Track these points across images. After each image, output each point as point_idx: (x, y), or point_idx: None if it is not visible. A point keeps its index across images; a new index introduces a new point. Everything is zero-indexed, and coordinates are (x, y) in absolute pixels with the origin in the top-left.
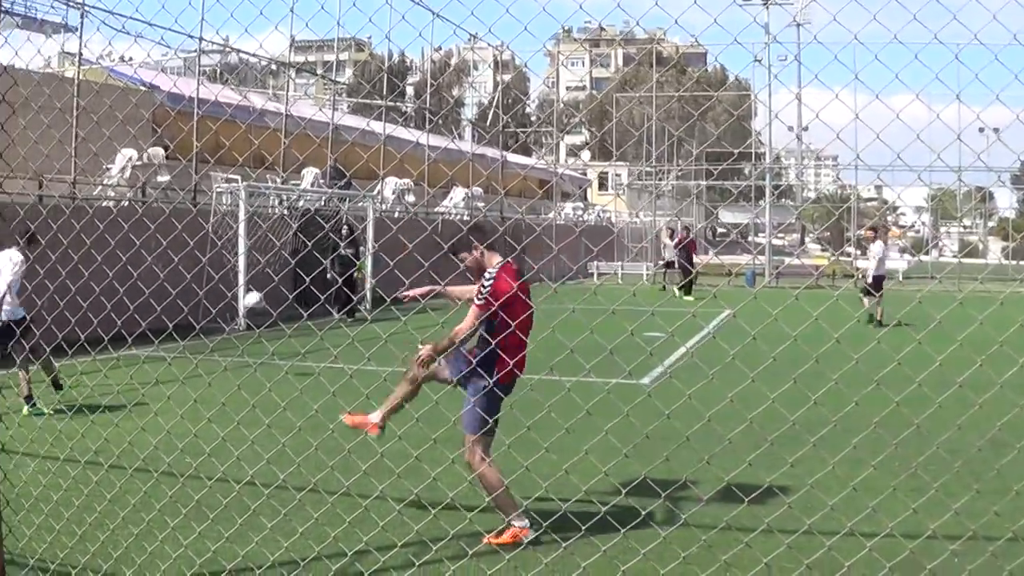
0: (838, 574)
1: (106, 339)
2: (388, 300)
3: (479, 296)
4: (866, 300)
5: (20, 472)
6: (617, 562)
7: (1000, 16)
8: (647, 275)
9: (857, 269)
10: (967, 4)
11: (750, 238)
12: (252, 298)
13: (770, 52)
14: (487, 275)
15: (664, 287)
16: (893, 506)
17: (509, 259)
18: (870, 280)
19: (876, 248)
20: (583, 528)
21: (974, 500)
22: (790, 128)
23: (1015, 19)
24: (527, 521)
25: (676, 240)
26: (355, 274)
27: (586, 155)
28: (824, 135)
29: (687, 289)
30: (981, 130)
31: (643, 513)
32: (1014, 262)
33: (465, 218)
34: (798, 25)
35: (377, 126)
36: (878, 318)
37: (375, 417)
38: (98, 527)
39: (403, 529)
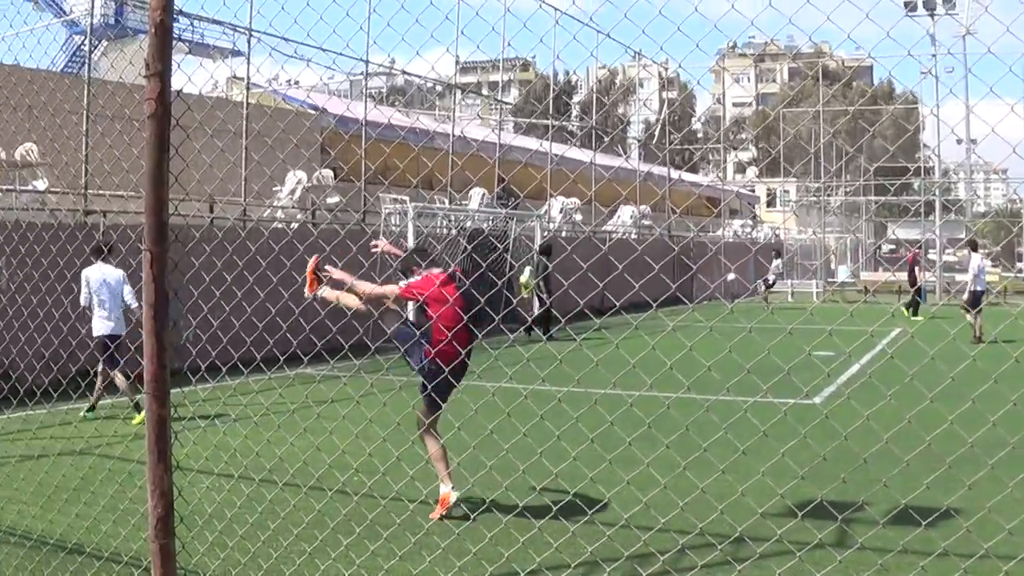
0: None
1: (281, 359)
2: (563, 321)
3: (401, 282)
4: (968, 317)
5: (194, 489)
6: None
7: None
8: (816, 293)
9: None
10: None
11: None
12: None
13: (938, 64)
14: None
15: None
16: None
17: (443, 270)
18: (965, 297)
19: (975, 263)
20: (758, 551)
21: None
22: (959, 141)
23: None
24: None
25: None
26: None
27: (753, 171)
28: (995, 148)
29: (915, 309)
30: None
31: (819, 536)
32: None
33: (633, 236)
34: (964, 36)
35: (545, 146)
36: (977, 334)
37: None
38: (270, 544)
39: (576, 549)
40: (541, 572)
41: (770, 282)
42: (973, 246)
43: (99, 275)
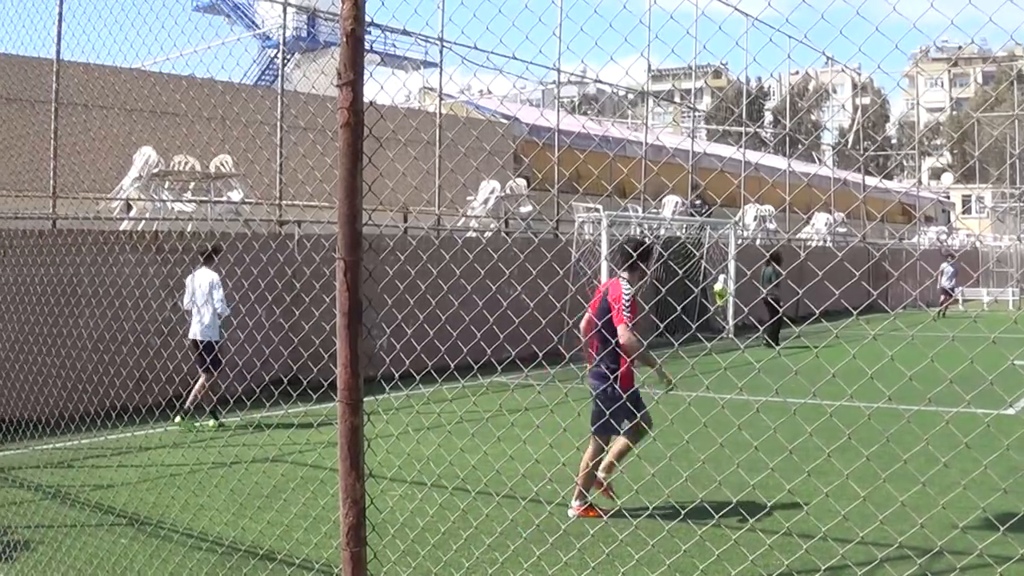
0: None
1: (475, 367)
2: (762, 329)
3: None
4: None
5: (387, 497)
6: None
7: None
8: (1013, 300)
9: None
10: None
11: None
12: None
13: None
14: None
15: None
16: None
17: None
18: None
19: None
20: (957, 566)
21: None
22: None
23: None
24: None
25: None
26: (717, 299)
27: (948, 178)
28: None
29: None
30: None
31: (1021, 551)
32: None
33: (828, 244)
34: None
35: (738, 153)
36: None
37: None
38: (462, 553)
39: (772, 562)
40: None
41: (947, 288)
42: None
43: (197, 280)
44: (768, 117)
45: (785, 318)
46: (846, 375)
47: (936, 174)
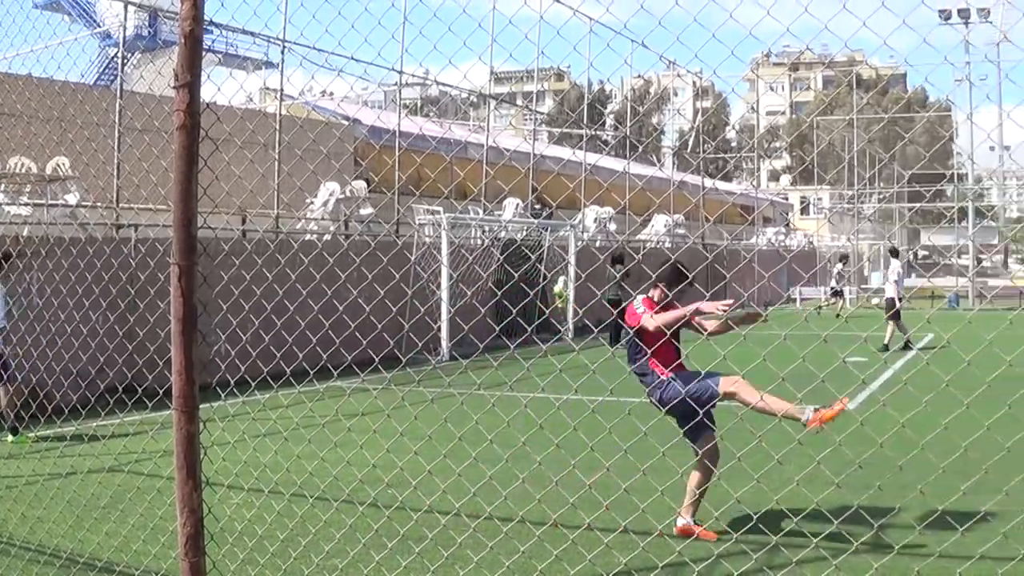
0: None
1: (311, 372)
2: (596, 331)
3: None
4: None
5: (224, 505)
6: None
7: None
8: (849, 299)
9: None
10: None
11: (953, 260)
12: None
13: (972, 71)
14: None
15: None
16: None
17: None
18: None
19: (893, 268)
20: (793, 559)
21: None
22: (992, 147)
23: None
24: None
25: None
26: (554, 301)
27: (786, 180)
28: None
29: None
30: None
31: (855, 543)
32: None
33: (667, 245)
34: (999, 42)
35: (579, 155)
36: (884, 342)
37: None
38: (302, 560)
39: (610, 561)
40: None
41: (837, 289)
42: (894, 252)
43: None
44: (609, 120)
45: (620, 320)
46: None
47: (775, 176)
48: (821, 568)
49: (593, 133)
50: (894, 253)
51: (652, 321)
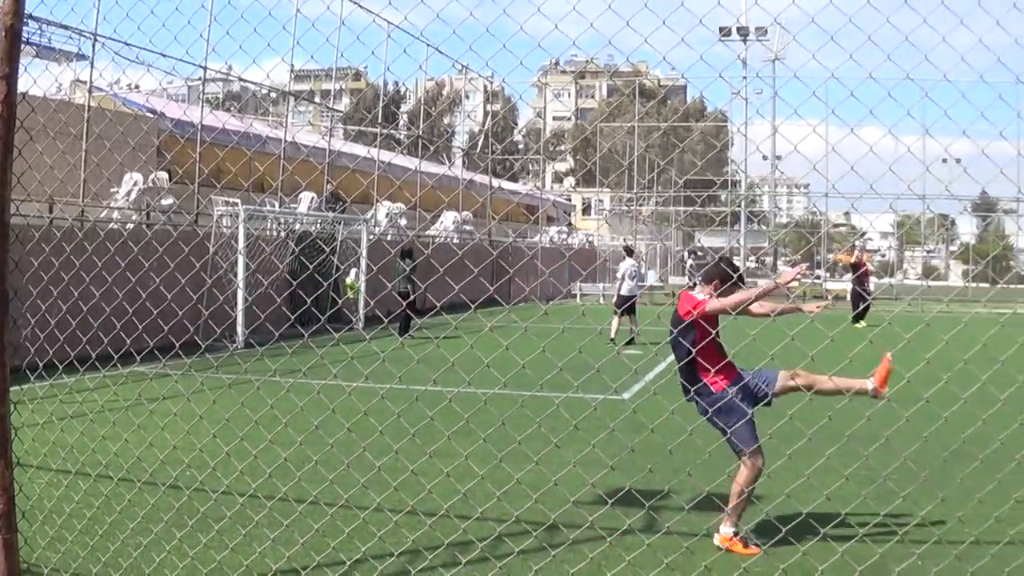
0: None
1: (115, 357)
2: (386, 320)
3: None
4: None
5: (35, 485)
6: (604, 567)
7: (967, 57)
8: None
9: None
10: (938, 45)
11: (690, 261)
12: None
13: (748, 86)
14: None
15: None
16: (863, 514)
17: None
18: (615, 299)
19: (624, 267)
20: (571, 537)
21: (938, 508)
22: (765, 157)
23: (981, 60)
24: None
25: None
26: (343, 292)
27: (570, 182)
28: (797, 164)
29: (861, 316)
30: (945, 161)
31: (627, 522)
32: (975, 284)
33: (455, 241)
34: (775, 61)
35: (373, 153)
36: (611, 336)
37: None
38: (108, 538)
39: (399, 538)
40: (366, 561)
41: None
42: (628, 251)
43: None
44: (402, 120)
45: (409, 311)
46: (465, 364)
47: (559, 178)
48: (597, 545)
49: (387, 132)
50: (628, 251)
51: (726, 301)
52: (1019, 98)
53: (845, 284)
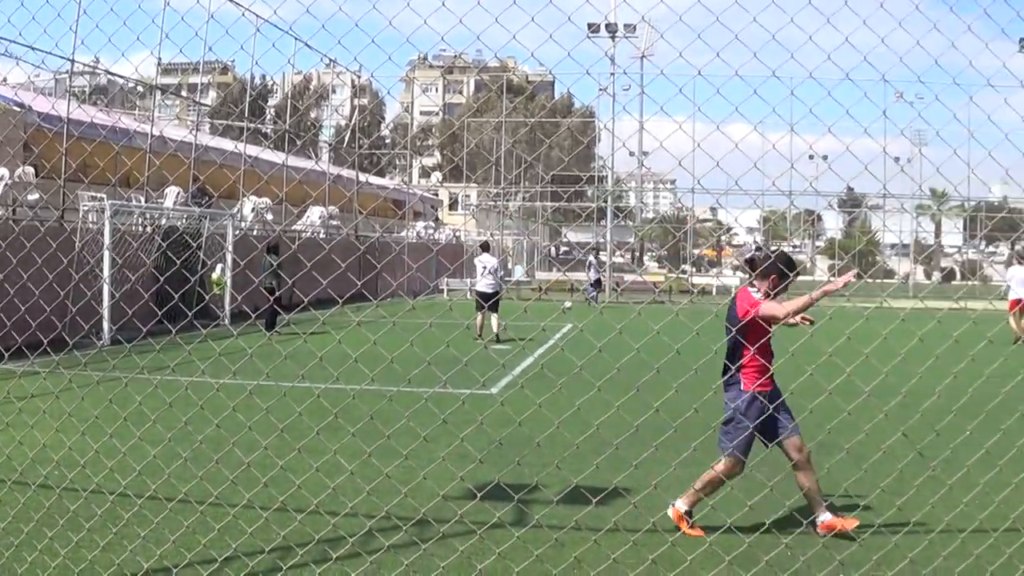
0: (680, 568)
1: None
2: (254, 316)
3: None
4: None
5: None
6: (474, 561)
7: (834, 56)
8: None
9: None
10: (804, 44)
11: (591, 257)
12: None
13: (615, 82)
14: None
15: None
16: (730, 504)
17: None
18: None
19: (480, 262)
20: (441, 530)
21: (804, 498)
22: (632, 153)
23: (847, 59)
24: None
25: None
26: (213, 289)
27: (438, 177)
28: (664, 161)
29: None
30: (811, 157)
31: (496, 515)
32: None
33: (322, 236)
34: (643, 58)
35: (239, 147)
36: (478, 333)
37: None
38: None
39: (269, 535)
40: (238, 558)
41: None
42: (484, 246)
43: None
44: (270, 114)
45: (276, 306)
46: (334, 359)
47: (426, 173)
48: (467, 539)
49: (255, 127)
50: (485, 247)
51: (781, 308)
52: (886, 96)
53: (711, 279)
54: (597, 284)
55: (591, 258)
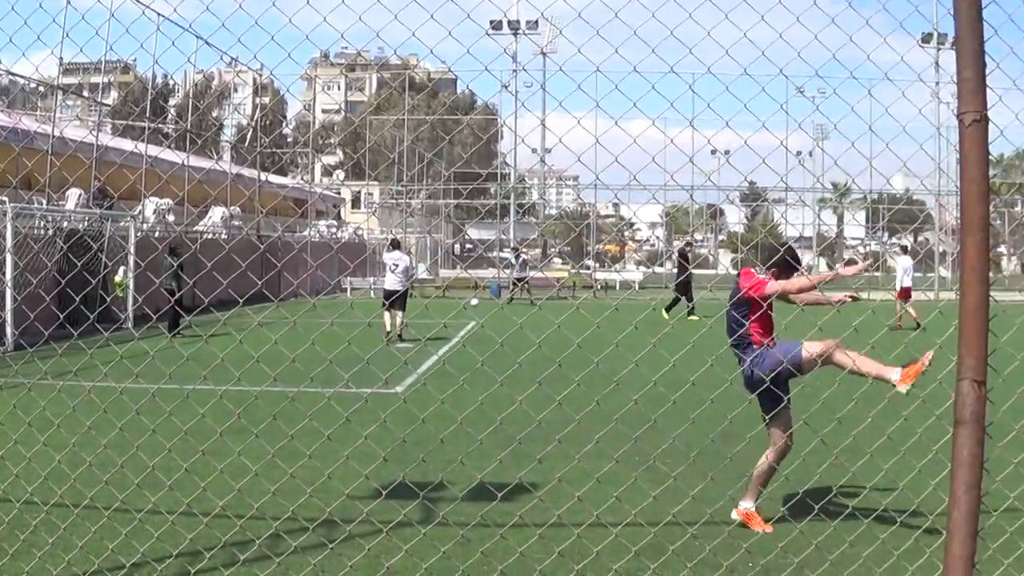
0: (587, 560)
1: None
2: (155, 318)
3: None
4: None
5: None
6: (382, 559)
7: (732, 51)
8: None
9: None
10: (703, 40)
11: (495, 253)
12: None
13: (517, 79)
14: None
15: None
16: (635, 496)
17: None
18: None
19: (388, 259)
20: (348, 529)
21: (710, 487)
22: (534, 150)
23: (745, 54)
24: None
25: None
26: (116, 291)
27: (340, 175)
28: (568, 157)
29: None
30: (713, 152)
31: (403, 513)
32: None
33: (224, 236)
34: (544, 54)
35: (140, 147)
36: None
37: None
38: None
39: (177, 539)
40: (146, 563)
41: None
42: (394, 244)
43: None
44: (171, 113)
45: (177, 307)
46: (236, 360)
47: (328, 171)
48: (374, 538)
49: (155, 126)
50: (394, 244)
51: (777, 285)
52: (788, 91)
53: (613, 275)
54: (519, 281)
55: (515, 256)
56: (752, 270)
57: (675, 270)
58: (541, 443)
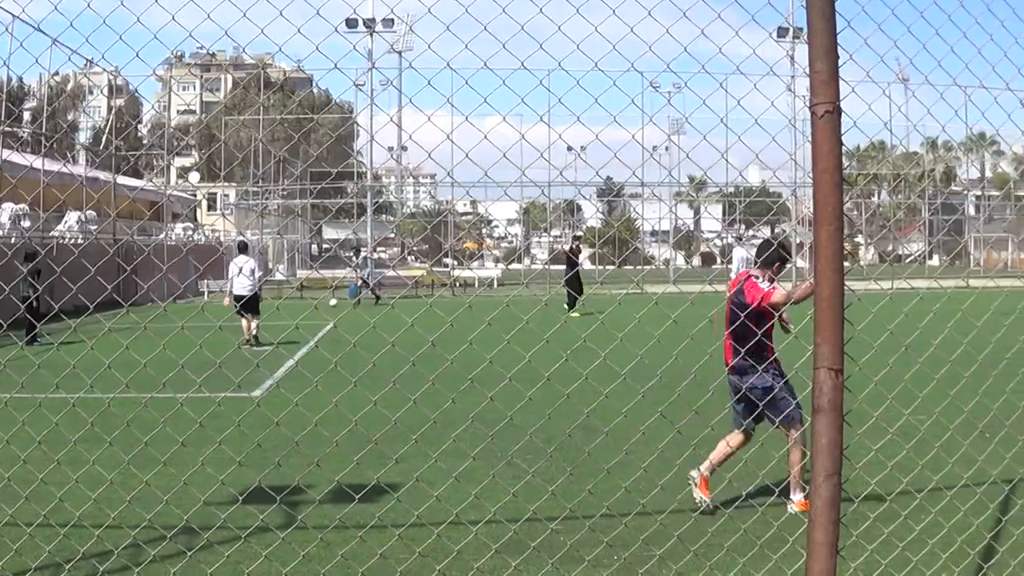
0: (449, 559)
1: None
2: (4, 326)
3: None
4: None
5: None
6: (242, 565)
7: (583, 46)
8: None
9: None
10: (553, 35)
11: (350, 253)
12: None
13: (372, 77)
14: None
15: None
16: (495, 493)
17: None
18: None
19: (234, 264)
20: (206, 537)
21: (569, 482)
22: (389, 148)
23: (596, 48)
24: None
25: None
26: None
27: (195, 176)
28: (423, 155)
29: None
30: (569, 148)
31: (261, 518)
32: (600, 267)
33: (80, 241)
34: (400, 52)
35: None
36: (245, 336)
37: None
38: None
39: (37, 552)
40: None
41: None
42: (242, 247)
43: None
44: (26, 116)
45: (32, 316)
46: (88, 367)
47: (184, 173)
48: (234, 544)
49: (8, 130)
50: (242, 247)
51: (782, 295)
52: (642, 85)
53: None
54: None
55: (356, 254)
56: (754, 280)
57: (564, 267)
58: (398, 443)
